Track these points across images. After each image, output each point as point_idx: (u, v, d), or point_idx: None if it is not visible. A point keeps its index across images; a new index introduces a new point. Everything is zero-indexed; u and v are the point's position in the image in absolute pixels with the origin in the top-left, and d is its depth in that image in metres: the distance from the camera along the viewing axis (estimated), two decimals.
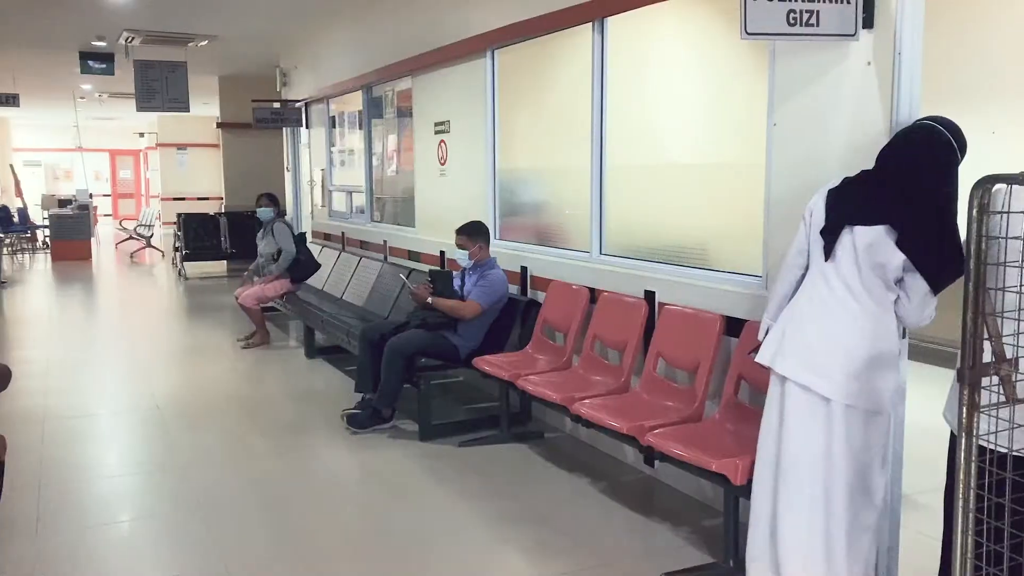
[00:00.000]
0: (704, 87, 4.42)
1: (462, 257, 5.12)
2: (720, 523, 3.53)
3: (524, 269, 5.36)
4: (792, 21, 2.97)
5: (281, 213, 7.97)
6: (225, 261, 12.96)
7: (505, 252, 5.46)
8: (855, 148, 3.12)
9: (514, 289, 5.31)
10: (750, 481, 3.02)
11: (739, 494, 3.15)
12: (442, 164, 6.55)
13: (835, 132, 3.23)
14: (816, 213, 2.80)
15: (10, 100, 13.32)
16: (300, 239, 7.88)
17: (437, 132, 6.58)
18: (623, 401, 3.95)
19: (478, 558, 3.48)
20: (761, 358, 2.86)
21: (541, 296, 5.12)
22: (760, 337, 2.97)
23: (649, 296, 4.23)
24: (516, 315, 5.13)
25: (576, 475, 4.34)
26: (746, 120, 3.97)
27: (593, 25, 4.68)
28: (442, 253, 6.40)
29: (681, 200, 4.42)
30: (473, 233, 5.14)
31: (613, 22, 4.63)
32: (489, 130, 5.84)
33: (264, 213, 7.64)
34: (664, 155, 4.53)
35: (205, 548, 3.54)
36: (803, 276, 2.85)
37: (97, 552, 3.52)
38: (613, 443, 4.41)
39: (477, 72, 5.91)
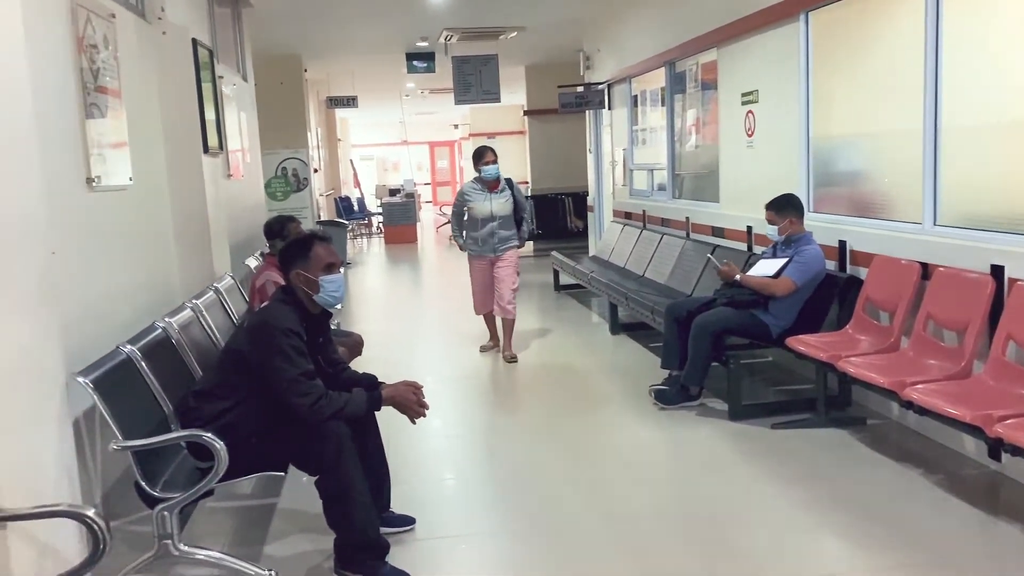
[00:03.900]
0: None
1: (772, 232, 4.94)
2: None
3: (842, 243, 5.02)
4: None
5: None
6: (531, 242, 13.62)
7: (821, 225, 5.15)
8: None
9: (831, 265, 5.00)
10: None
11: None
12: (749, 136, 6.33)
13: None
14: None
15: (350, 102, 15.14)
16: None
17: (744, 103, 6.36)
18: (964, 387, 3.57)
19: (796, 540, 3.35)
20: None
21: (862, 272, 4.76)
22: None
23: (996, 271, 3.77)
24: (834, 293, 4.83)
25: (905, 465, 4.00)
26: None
27: None
28: (749, 228, 6.20)
29: None
30: (782, 207, 4.92)
31: None
32: (802, 97, 5.53)
33: (493, 170, 6.41)
34: (1014, 112, 3.98)
35: (523, 508, 3.78)
36: None
37: (433, 504, 3.89)
38: (950, 433, 4.00)
39: (789, 37, 5.61)
